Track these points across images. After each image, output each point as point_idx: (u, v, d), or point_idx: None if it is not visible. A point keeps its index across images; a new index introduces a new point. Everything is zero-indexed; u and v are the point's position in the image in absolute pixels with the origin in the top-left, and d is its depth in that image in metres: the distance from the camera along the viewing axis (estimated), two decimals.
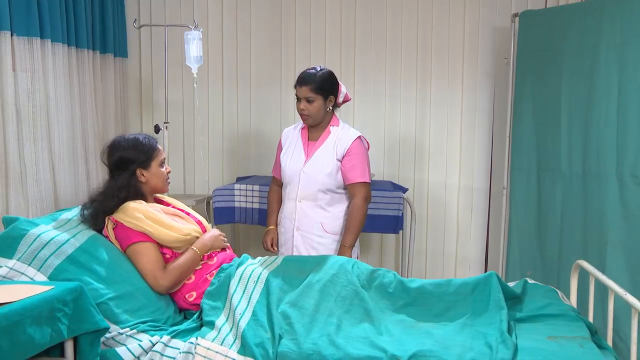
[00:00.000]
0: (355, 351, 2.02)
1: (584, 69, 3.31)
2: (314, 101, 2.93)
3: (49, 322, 1.82)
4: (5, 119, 3.01)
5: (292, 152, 3.06)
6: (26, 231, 2.17)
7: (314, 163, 2.97)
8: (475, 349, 2.03)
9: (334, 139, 3.00)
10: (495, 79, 4.07)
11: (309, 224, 2.97)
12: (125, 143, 2.47)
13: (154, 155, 2.48)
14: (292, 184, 3.01)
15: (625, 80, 3.12)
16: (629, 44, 3.08)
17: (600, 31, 3.22)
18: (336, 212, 3.00)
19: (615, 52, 3.16)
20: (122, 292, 2.17)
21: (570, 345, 2.05)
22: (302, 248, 2.98)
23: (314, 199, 2.97)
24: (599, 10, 3.23)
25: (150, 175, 2.47)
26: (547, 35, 3.53)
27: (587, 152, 3.33)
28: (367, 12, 4.15)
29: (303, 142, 3.06)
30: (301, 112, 2.96)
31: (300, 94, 2.94)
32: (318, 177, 2.95)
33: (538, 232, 3.64)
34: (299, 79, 2.96)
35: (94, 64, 3.76)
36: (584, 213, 3.35)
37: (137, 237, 2.31)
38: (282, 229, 3.07)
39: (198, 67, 3.32)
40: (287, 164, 3.04)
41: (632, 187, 3.10)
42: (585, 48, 3.30)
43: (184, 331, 2.17)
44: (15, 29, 3.04)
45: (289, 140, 3.12)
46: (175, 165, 4.25)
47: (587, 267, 2.52)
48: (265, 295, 2.27)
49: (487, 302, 2.28)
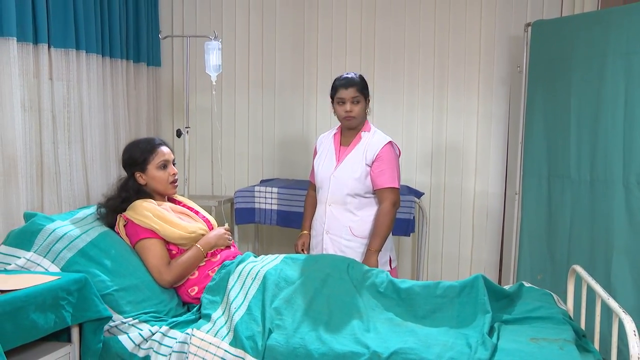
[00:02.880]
0: (339, 347, 2.05)
1: (592, 77, 3.25)
2: (359, 102, 2.94)
3: (53, 309, 1.92)
4: (42, 123, 3.18)
5: (324, 157, 3.05)
6: (43, 226, 2.29)
7: (344, 168, 2.95)
8: (456, 348, 2.03)
9: (364, 144, 2.97)
10: (511, 87, 4.02)
11: (338, 228, 2.96)
12: (129, 146, 2.57)
13: (149, 159, 2.50)
14: (324, 188, 3.00)
15: (631, 89, 3.04)
16: (636, 53, 3.01)
17: (608, 41, 3.15)
18: (365, 217, 2.95)
19: (622, 61, 3.08)
20: (127, 284, 2.26)
21: (550, 348, 2.03)
22: (331, 251, 2.96)
23: (343, 202, 2.95)
24: (606, 20, 3.17)
25: (148, 178, 2.51)
26: (558, 44, 3.47)
27: (595, 159, 3.26)
28: (386, 21, 4.16)
29: (335, 147, 3.05)
30: (348, 114, 2.93)
31: (346, 96, 2.91)
32: (347, 182, 2.93)
33: (548, 236, 3.58)
34: (344, 82, 2.94)
35: (127, 72, 3.92)
36: (592, 219, 3.28)
37: (144, 234, 2.40)
38: (313, 232, 3.08)
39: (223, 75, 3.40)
40: (319, 169, 3.04)
41: (637, 194, 3.02)
42: (594, 57, 3.23)
43: (182, 322, 2.25)
44: (52, 42, 3.21)
45: (323, 145, 3.11)
46: (202, 167, 4.37)
47: (580, 272, 2.48)
48: (262, 291, 2.31)
49: (472, 305, 2.27)
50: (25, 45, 3.00)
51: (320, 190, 3.03)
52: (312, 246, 3.09)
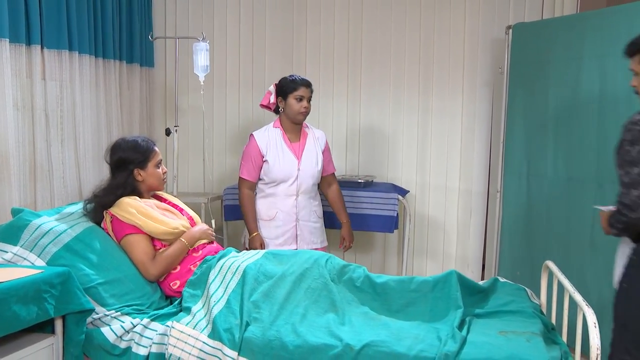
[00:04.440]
0: (313, 339, 2.08)
1: (570, 79, 3.27)
2: (310, 100, 3.25)
3: (35, 301, 1.95)
4: (35, 122, 3.20)
5: (279, 154, 3.19)
6: (29, 221, 2.33)
7: (308, 161, 3.24)
8: (426, 341, 2.05)
9: (312, 138, 3.31)
10: (494, 88, 4.05)
11: (307, 214, 3.27)
12: (125, 145, 2.58)
13: (150, 157, 2.58)
14: (288, 182, 3.20)
15: (604, 90, 3.07)
16: (608, 55, 3.03)
17: (584, 43, 3.18)
18: (319, 200, 3.38)
19: (596, 63, 3.11)
20: (111, 278, 2.29)
21: (518, 340, 2.06)
22: (306, 234, 3.26)
23: (310, 191, 3.27)
24: (583, 23, 3.20)
25: (146, 175, 2.57)
26: (537, 46, 3.50)
27: (571, 159, 3.29)
28: (372, 23, 4.19)
29: (286, 144, 3.23)
30: (305, 110, 3.20)
31: (305, 94, 3.19)
32: (314, 173, 3.25)
33: (527, 234, 3.61)
34: (305, 82, 3.21)
35: (120, 73, 3.94)
36: (568, 217, 3.31)
37: (129, 230, 2.43)
38: (278, 223, 3.22)
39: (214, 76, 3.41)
40: (279, 166, 3.18)
41: (610, 192, 3.05)
42: (571, 59, 3.26)
43: (163, 315, 2.28)
44: (45, 43, 3.22)
45: (270, 143, 3.21)
46: (193, 165, 4.40)
47: (552, 268, 2.50)
48: (241, 285, 2.34)
49: (445, 300, 2.31)
50: (18, 47, 3.02)
51: (281, 185, 3.21)
52: (276, 235, 3.22)
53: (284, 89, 3.21)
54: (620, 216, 2.09)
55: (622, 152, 2.07)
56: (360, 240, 4.29)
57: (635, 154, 2.03)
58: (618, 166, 2.10)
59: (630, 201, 2.04)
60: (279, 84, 3.26)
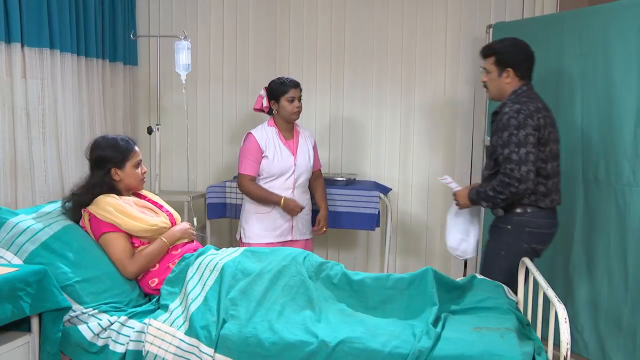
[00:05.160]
0: (289, 336, 2.08)
1: (551, 78, 3.29)
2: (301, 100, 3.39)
3: (10, 299, 1.94)
4: (16, 120, 3.18)
5: (277, 151, 3.35)
6: (5, 219, 2.32)
7: (302, 158, 3.41)
8: (401, 337, 2.06)
9: (303, 136, 3.48)
10: (475, 87, 4.07)
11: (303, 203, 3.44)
12: (104, 143, 2.57)
13: (129, 157, 2.56)
14: (285, 176, 3.36)
15: (586, 89, 3.10)
16: (588, 55, 3.06)
17: (564, 43, 3.20)
18: (309, 194, 3.55)
19: (577, 63, 3.14)
20: (88, 276, 2.28)
21: (491, 336, 2.07)
22: (300, 225, 3.43)
23: (304, 185, 3.47)
24: (562, 23, 3.22)
25: (124, 175, 2.56)
26: None
27: None
28: (356, 23, 4.20)
29: (282, 141, 3.38)
30: (297, 110, 3.35)
31: (296, 95, 3.34)
32: (308, 168, 3.45)
33: None
34: (294, 83, 3.35)
35: (103, 71, 3.92)
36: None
37: (107, 228, 2.42)
38: (276, 215, 3.36)
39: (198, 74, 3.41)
40: (277, 162, 3.34)
41: (594, 189, 3.09)
42: (552, 59, 3.28)
43: (140, 313, 2.27)
44: (26, 41, 3.20)
45: (268, 141, 3.36)
46: (176, 163, 4.39)
47: (527, 264, 2.52)
48: (219, 283, 2.34)
49: (420, 297, 2.32)
50: None
51: (278, 179, 3.36)
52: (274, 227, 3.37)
53: (275, 92, 3.34)
54: (510, 187, 2.58)
55: (507, 135, 2.59)
56: (343, 238, 4.31)
57: (522, 137, 2.57)
58: (502, 146, 2.61)
59: (520, 175, 2.56)
60: (270, 87, 3.37)
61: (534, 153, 2.59)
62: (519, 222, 2.71)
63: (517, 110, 2.61)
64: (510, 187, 2.59)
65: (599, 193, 3.07)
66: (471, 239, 2.99)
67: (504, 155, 2.61)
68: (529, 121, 2.59)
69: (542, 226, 2.73)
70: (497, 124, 2.69)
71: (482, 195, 2.72)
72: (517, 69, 2.73)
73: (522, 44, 2.76)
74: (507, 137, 2.60)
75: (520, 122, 2.58)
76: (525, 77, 2.77)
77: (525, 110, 2.61)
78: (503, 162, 2.61)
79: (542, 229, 2.73)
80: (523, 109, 2.61)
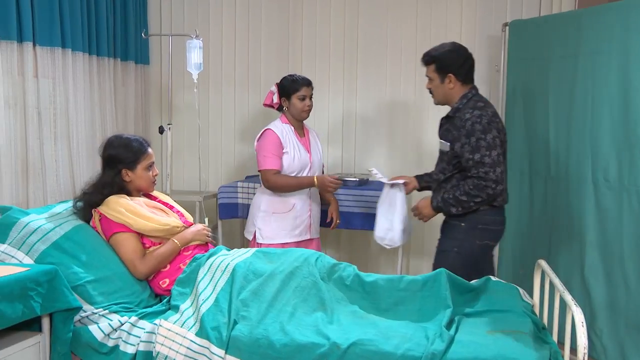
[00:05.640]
0: (301, 337, 2.08)
1: (566, 77, 3.28)
2: (312, 98, 3.38)
3: (21, 299, 1.96)
4: (27, 120, 3.22)
5: (295, 148, 3.34)
6: (17, 219, 2.34)
7: (316, 154, 3.45)
8: (414, 339, 2.06)
9: (313, 134, 3.51)
10: (490, 87, 4.04)
11: (316, 204, 3.48)
12: (117, 142, 2.58)
13: (140, 159, 2.57)
14: (303, 173, 3.35)
15: (597, 88, 3.08)
16: (601, 53, 3.03)
17: (580, 41, 3.18)
18: None
19: (589, 61, 3.12)
20: (99, 276, 2.30)
21: (505, 339, 2.06)
22: (314, 223, 3.45)
23: None
24: (578, 20, 3.19)
25: (135, 176, 2.57)
26: (535, 44, 3.49)
27: (569, 157, 3.30)
28: (369, 20, 4.20)
29: (298, 138, 3.38)
30: (308, 109, 3.35)
31: (307, 93, 3.33)
32: (320, 164, 3.50)
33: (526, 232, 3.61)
34: (306, 81, 3.33)
35: (114, 70, 3.95)
36: (568, 215, 3.32)
37: (118, 228, 2.44)
38: (295, 214, 3.35)
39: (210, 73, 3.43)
40: (297, 158, 3.32)
41: (604, 190, 3.06)
42: (568, 57, 3.26)
43: (151, 313, 2.29)
44: (37, 40, 3.24)
45: (286, 137, 3.34)
46: (188, 163, 4.41)
47: (544, 267, 2.51)
48: (230, 284, 2.34)
49: (434, 299, 2.31)
50: (9, 44, 3.04)
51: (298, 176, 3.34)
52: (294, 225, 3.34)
53: (286, 89, 3.33)
54: (487, 189, 2.66)
55: (475, 140, 2.66)
56: (355, 239, 4.31)
57: (490, 140, 2.66)
58: (471, 151, 2.67)
59: (495, 177, 2.65)
60: (281, 84, 3.36)
61: (501, 155, 2.70)
62: (472, 220, 2.78)
63: (479, 116, 2.69)
64: (487, 189, 2.66)
65: (610, 194, 3.05)
66: (396, 228, 3.07)
67: (474, 160, 2.67)
68: (492, 125, 2.69)
69: (494, 223, 2.82)
70: (459, 130, 2.74)
71: (450, 202, 2.76)
72: (457, 74, 2.81)
73: (460, 48, 2.85)
74: (475, 142, 2.67)
75: (485, 127, 2.67)
76: (468, 80, 2.85)
77: (486, 115, 2.70)
78: (474, 166, 2.68)
79: (494, 226, 2.83)
80: (484, 114, 2.70)
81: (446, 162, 2.85)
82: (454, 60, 2.82)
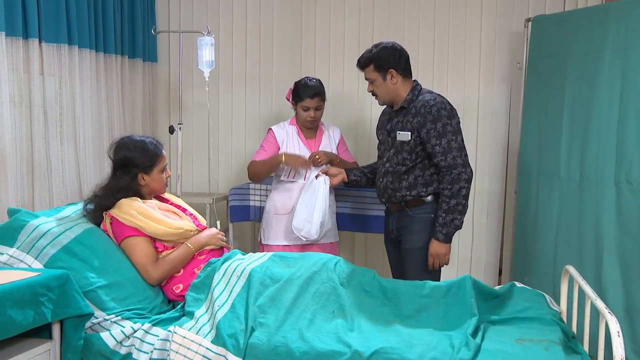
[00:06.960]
0: (321, 345, 2.07)
1: (587, 75, 3.24)
2: (320, 109, 3.36)
3: (32, 305, 1.95)
4: (33, 118, 3.22)
5: (296, 149, 3.35)
6: (26, 222, 2.33)
7: None
8: (438, 348, 2.04)
9: (327, 135, 3.47)
10: (512, 84, 4.01)
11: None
12: (132, 145, 2.56)
13: (157, 162, 2.58)
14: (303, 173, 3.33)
15: (627, 86, 3.04)
16: (633, 48, 3.00)
17: (606, 36, 3.14)
18: (333, 195, 3.49)
19: (619, 57, 3.08)
20: (111, 281, 2.29)
21: (535, 348, 2.04)
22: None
23: None
24: (605, 15, 3.16)
25: (150, 180, 2.57)
26: (557, 40, 3.46)
27: (586, 158, 3.26)
28: (385, 16, 4.17)
29: (302, 141, 3.40)
30: (311, 120, 3.34)
31: (311, 105, 3.31)
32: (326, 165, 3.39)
33: (543, 236, 3.57)
34: (310, 93, 3.28)
35: (122, 68, 3.95)
36: (580, 219, 3.29)
37: (130, 232, 2.43)
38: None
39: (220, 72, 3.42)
40: None
41: (627, 193, 3.03)
42: (590, 54, 3.22)
43: (165, 320, 2.28)
44: (43, 36, 3.24)
45: (286, 139, 3.40)
46: (198, 164, 4.40)
47: (572, 273, 2.48)
48: (246, 289, 2.33)
49: (459, 306, 2.29)
50: (14, 40, 3.04)
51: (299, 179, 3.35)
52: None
53: (294, 94, 3.37)
54: (462, 175, 2.77)
55: (442, 125, 2.77)
56: (371, 243, 4.28)
57: (455, 125, 2.81)
58: (437, 137, 2.77)
59: (462, 160, 2.78)
60: (294, 86, 3.40)
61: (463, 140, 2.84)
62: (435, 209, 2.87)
63: (442, 102, 2.83)
64: (462, 175, 2.78)
65: (632, 197, 3.02)
66: (315, 221, 3.12)
67: (440, 145, 2.78)
68: (454, 111, 2.85)
69: None
70: (423, 117, 2.81)
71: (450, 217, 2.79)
72: (397, 69, 2.90)
73: (392, 44, 2.95)
74: (441, 127, 2.78)
75: (449, 112, 2.82)
76: (408, 74, 2.96)
77: (448, 102, 2.86)
78: (441, 153, 2.78)
79: None
80: (445, 100, 2.86)
81: (407, 152, 2.89)
82: (390, 55, 2.91)
